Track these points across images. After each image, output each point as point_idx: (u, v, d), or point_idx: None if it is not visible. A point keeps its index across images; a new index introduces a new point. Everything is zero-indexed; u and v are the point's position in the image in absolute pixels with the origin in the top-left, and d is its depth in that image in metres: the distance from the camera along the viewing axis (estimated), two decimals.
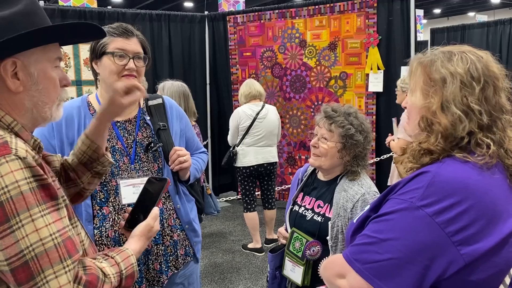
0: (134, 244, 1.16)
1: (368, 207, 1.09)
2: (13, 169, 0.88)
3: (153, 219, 1.21)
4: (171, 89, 3.50)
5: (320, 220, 1.76)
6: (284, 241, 1.85)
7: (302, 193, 1.91)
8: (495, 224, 0.93)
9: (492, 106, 1.00)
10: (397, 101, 3.86)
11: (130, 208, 1.29)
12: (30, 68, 0.98)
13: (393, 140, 3.67)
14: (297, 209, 1.87)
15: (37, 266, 0.87)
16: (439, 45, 1.11)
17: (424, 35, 14.47)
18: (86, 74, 4.79)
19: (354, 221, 1.10)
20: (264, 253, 4.24)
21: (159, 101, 1.77)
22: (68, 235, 0.94)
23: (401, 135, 3.46)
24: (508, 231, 0.94)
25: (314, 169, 1.94)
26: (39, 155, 1.04)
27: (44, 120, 1.04)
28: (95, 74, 1.65)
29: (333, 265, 1.05)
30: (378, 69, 4.52)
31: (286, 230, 1.87)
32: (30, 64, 0.98)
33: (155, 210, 1.23)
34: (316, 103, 5.04)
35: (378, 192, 1.75)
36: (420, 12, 13.16)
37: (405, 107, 1.15)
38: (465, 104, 0.99)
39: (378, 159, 4.52)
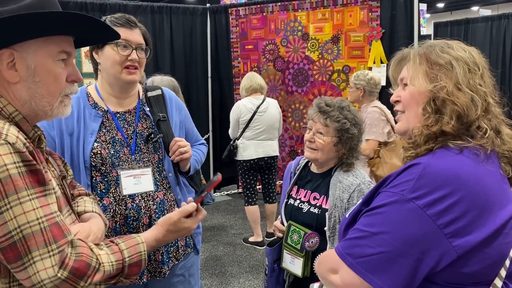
0: (150, 231, 1.18)
1: (360, 201, 1.09)
2: (1, 153, 0.90)
3: (178, 212, 1.20)
4: (160, 84, 3.48)
5: (317, 212, 1.78)
6: (280, 235, 1.86)
7: (296, 186, 1.92)
8: (488, 215, 0.92)
9: (490, 91, 1.02)
10: (349, 99, 3.57)
11: (191, 199, 1.29)
12: (27, 60, 0.99)
13: None
14: (292, 202, 1.89)
15: (25, 247, 0.90)
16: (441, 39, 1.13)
17: (427, 29, 14.41)
18: (87, 67, 4.78)
19: (347, 215, 1.09)
20: (265, 247, 4.24)
21: (158, 92, 1.76)
22: (55, 221, 0.95)
23: (373, 136, 3.28)
24: (501, 222, 0.93)
25: (307, 162, 1.94)
26: (37, 146, 1.04)
27: (45, 114, 1.05)
28: (95, 64, 1.64)
29: (326, 260, 1.05)
30: (381, 62, 4.49)
31: (282, 223, 1.87)
32: (28, 55, 0.98)
33: (187, 206, 1.21)
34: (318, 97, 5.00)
35: (372, 182, 1.77)
36: (423, 6, 13.09)
37: (397, 101, 1.11)
38: (473, 86, 1.00)
39: None
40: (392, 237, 0.92)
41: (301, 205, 1.84)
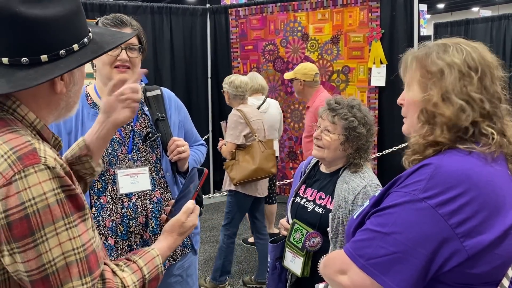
0: (162, 241, 1.15)
1: (367, 202, 1.08)
2: (41, 179, 0.84)
3: (184, 213, 1.18)
4: None
5: (321, 212, 1.77)
6: (285, 232, 1.85)
7: (304, 185, 1.92)
8: (497, 215, 0.92)
9: (491, 95, 1.00)
10: (227, 103, 3.60)
11: (173, 201, 1.26)
12: (75, 70, 0.98)
13: (225, 145, 3.42)
14: (298, 201, 1.88)
15: (57, 280, 0.85)
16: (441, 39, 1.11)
17: (427, 30, 14.40)
18: (88, 67, 4.75)
19: (355, 217, 1.09)
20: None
21: (157, 92, 1.76)
22: (92, 249, 0.91)
23: (229, 138, 3.31)
24: (510, 223, 0.93)
25: (317, 162, 1.94)
26: (59, 156, 1.01)
27: (64, 117, 1.05)
28: (93, 64, 1.64)
29: (334, 261, 1.04)
30: (381, 63, 4.48)
31: (288, 221, 1.87)
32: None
33: (188, 204, 1.19)
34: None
35: (380, 185, 1.75)
36: (424, 7, 13.08)
37: (401, 104, 1.12)
38: (465, 94, 0.98)
39: (381, 154, 4.50)
40: (405, 237, 0.91)
41: (306, 204, 1.83)
